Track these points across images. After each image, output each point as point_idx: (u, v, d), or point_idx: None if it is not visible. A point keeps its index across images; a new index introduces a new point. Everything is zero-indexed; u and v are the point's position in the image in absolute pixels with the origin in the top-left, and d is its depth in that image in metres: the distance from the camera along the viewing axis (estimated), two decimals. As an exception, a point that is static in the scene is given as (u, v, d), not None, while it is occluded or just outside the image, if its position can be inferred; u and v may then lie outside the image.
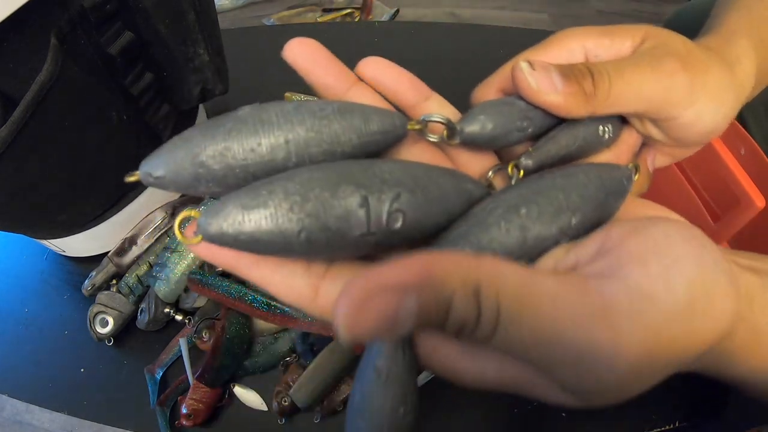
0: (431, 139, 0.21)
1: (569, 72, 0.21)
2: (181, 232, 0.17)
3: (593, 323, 0.15)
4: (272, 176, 0.16)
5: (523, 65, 0.21)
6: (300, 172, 0.16)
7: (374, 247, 0.17)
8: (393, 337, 0.14)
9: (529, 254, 0.18)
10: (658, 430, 0.46)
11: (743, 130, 0.42)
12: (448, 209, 0.18)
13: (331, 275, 0.19)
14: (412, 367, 0.16)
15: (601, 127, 0.23)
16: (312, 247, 0.16)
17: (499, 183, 0.23)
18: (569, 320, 0.15)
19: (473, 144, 0.21)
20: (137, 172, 0.17)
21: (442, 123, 0.20)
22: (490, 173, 0.22)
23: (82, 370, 0.51)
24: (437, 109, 0.22)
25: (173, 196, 0.58)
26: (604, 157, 0.24)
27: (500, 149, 0.23)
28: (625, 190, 0.20)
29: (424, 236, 0.18)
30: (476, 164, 0.23)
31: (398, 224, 0.17)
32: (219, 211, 0.15)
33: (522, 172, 0.21)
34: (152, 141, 0.52)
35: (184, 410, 0.44)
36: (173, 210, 0.54)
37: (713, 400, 0.48)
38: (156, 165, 0.17)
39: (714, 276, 0.16)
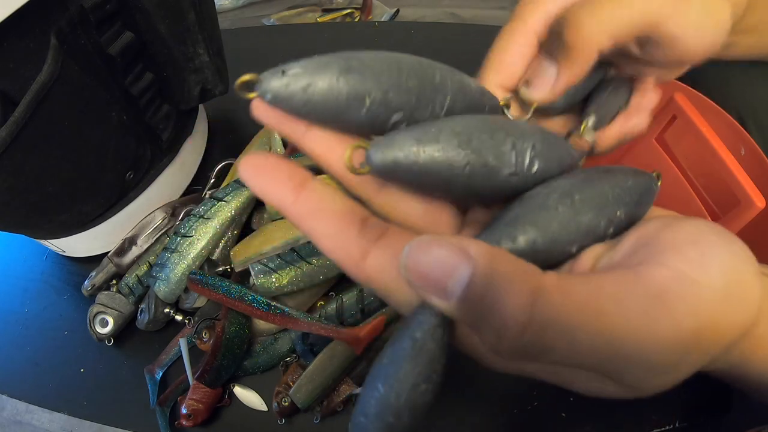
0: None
1: (551, 39, 0.22)
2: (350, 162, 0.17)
3: (655, 309, 0.15)
4: (427, 122, 0.18)
5: (523, 92, 0.23)
6: (455, 118, 0.19)
7: (512, 190, 0.19)
8: (438, 299, 0.15)
9: (581, 240, 0.19)
10: (658, 430, 0.46)
11: (743, 130, 0.42)
12: (560, 163, 0.20)
13: (383, 243, 0.17)
14: (443, 350, 0.16)
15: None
16: (470, 180, 0.18)
17: None
18: (634, 312, 0.15)
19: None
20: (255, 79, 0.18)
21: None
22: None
23: (82, 370, 0.51)
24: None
25: (173, 197, 0.58)
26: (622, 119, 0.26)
27: None
28: (653, 192, 0.21)
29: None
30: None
31: (534, 168, 0.19)
32: (391, 143, 0.17)
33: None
34: (152, 141, 0.53)
35: (184, 410, 0.44)
36: (173, 210, 0.55)
37: (713, 400, 0.48)
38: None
39: (744, 264, 0.17)
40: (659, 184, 0.21)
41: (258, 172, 0.17)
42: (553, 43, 0.23)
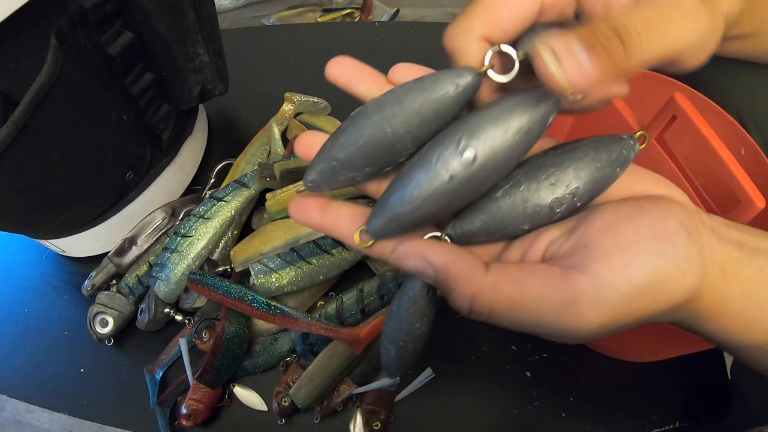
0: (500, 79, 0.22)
1: (593, 40, 0.18)
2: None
3: (563, 312, 0.20)
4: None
5: (546, 55, 0.18)
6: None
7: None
8: (422, 278, 0.21)
9: (532, 219, 0.22)
10: (658, 430, 0.46)
11: (743, 130, 0.42)
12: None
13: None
14: (431, 301, 0.23)
15: None
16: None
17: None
18: (547, 311, 0.20)
19: None
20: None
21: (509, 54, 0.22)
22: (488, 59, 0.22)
23: (82, 370, 0.51)
24: None
25: (173, 197, 0.58)
26: None
27: None
28: (626, 160, 0.22)
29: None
30: None
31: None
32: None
33: None
34: (152, 141, 0.53)
35: (184, 410, 0.44)
36: (173, 210, 0.55)
37: (713, 400, 0.48)
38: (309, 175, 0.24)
39: (674, 264, 0.20)
40: (637, 145, 0.23)
41: (297, 209, 0.24)
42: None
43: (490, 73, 0.21)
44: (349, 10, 1.37)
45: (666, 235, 0.20)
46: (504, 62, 0.22)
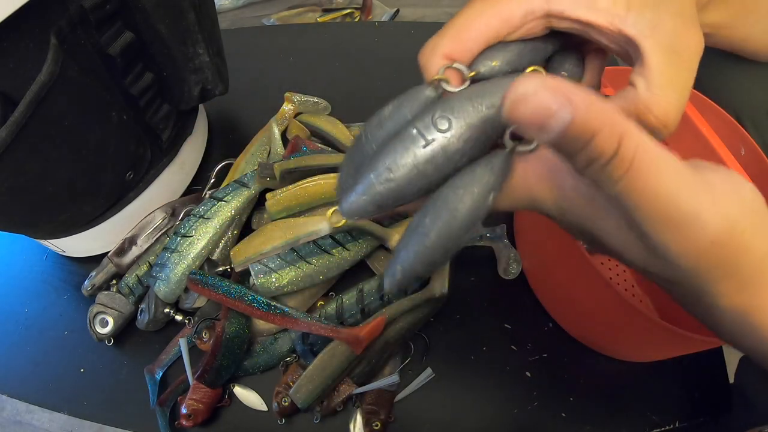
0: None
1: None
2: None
3: (700, 191, 0.19)
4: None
5: None
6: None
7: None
8: (537, 134, 0.17)
9: None
10: (658, 430, 0.46)
11: (743, 130, 0.42)
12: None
13: None
14: (505, 174, 0.21)
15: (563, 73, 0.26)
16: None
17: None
18: (684, 186, 0.19)
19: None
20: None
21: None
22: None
23: (82, 370, 0.51)
24: None
25: (173, 197, 0.58)
26: None
27: None
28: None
29: None
30: None
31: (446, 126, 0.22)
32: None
33: None
34: (152, 141, 0.53)
35: (183, 410, 0.44)
36: (173, 210, 0.55)
37: (713, 400, 0.48)
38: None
39: (763, 206, 0.21)
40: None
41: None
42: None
43: (443, 85, 0.23)
44: (349, 10, 1.37)
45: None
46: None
